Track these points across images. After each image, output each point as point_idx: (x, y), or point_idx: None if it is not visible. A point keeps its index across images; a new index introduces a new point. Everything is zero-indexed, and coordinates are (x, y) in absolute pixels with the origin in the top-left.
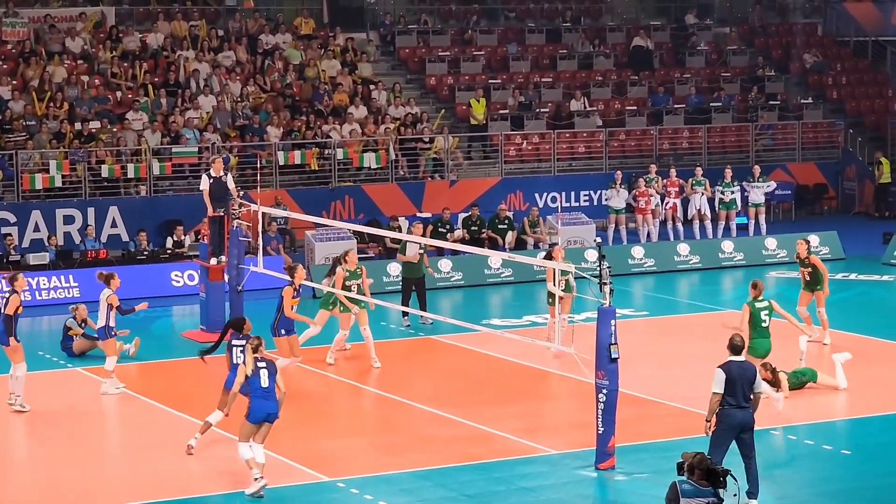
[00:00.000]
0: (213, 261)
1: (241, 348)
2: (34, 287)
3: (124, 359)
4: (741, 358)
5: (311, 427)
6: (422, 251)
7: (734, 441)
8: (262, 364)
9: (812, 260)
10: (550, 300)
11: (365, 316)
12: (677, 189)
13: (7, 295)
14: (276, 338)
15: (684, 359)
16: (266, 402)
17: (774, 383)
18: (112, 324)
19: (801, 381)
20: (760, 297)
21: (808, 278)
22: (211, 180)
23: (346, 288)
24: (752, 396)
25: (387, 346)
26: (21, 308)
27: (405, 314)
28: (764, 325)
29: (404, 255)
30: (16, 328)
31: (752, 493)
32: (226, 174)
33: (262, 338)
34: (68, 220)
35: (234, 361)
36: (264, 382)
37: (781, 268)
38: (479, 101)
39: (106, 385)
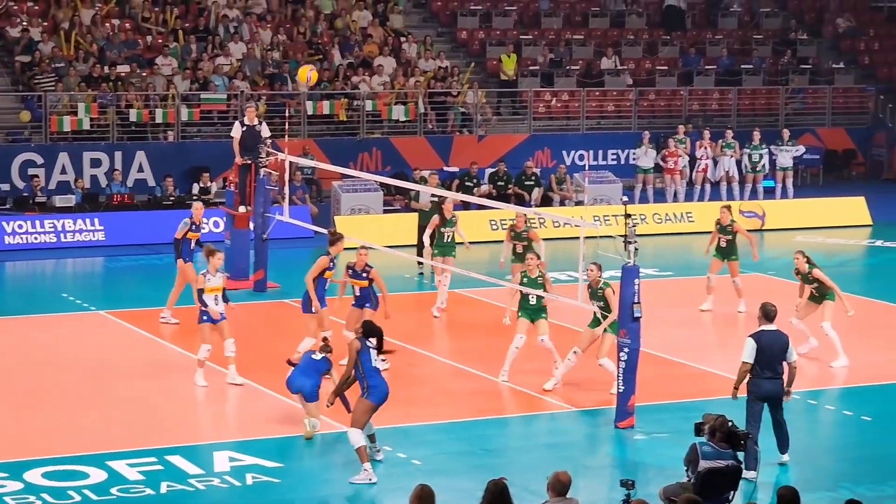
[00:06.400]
0: (241, 209)
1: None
2: (59, 230)
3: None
4: (773, 327)
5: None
6: (434, 199)
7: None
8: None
9: (815, 275)
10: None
11: None
12: (709, 150)
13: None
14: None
15: (707, 320)
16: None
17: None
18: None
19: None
20: None
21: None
22: (244, 128)
23: None
24: (786, 365)
25: (403, 298)
26: None
27: (420, 264)
28: None
29: (417, 202)
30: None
31: (782, 448)
32: (260, 123)
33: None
34: (95, 163)
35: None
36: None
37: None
38: (509, 56)
39: None
